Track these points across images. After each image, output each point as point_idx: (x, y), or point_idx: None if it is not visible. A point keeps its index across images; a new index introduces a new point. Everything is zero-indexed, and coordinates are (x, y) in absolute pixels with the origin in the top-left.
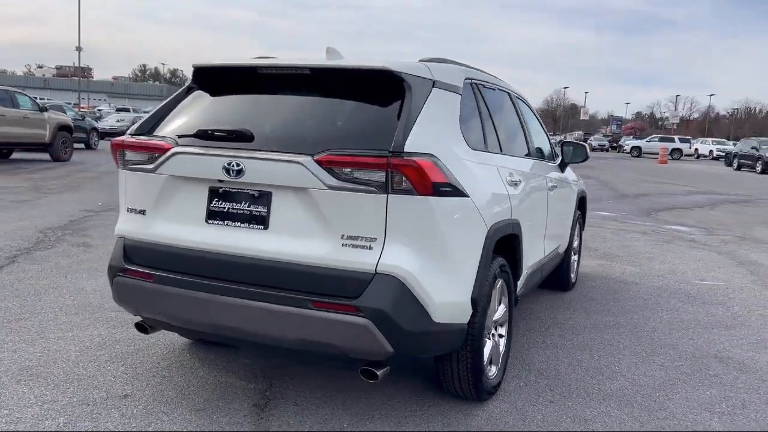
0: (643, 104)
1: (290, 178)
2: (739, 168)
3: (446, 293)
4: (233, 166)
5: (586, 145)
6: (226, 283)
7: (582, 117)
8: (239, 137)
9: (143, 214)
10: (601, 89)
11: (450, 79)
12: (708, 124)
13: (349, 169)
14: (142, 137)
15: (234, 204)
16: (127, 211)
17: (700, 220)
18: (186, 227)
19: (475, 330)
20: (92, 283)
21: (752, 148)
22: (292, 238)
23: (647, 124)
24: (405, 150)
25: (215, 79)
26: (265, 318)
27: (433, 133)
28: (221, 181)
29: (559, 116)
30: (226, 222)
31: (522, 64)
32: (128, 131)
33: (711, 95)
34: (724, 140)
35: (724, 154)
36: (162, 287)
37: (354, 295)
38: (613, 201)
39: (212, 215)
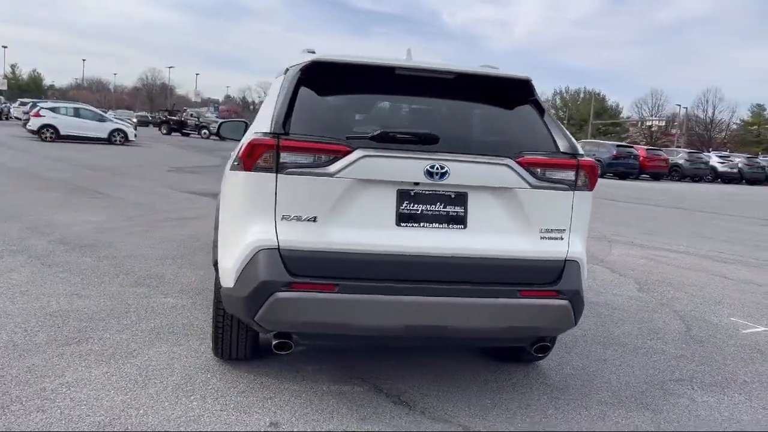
0: (235, 89)
1: (495, 179)
2: None
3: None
4: (437, 168)
5: None
6: (423, 284)
7: (194, 99)
8: (426, 140)
9: (314, 221)
10: (210, 73)
11: None
12: None
13: (544, 170)
14: (303, 138)
15: (428, 206)
16: (283, 219)
17: None
18: (372, 232)
19: None
20: None
21: None
22: (492, 234)
23: (240, 107)
24: (579, 152)
25: (337, 76)
26: (473, 312)
27: None
28: (416, 183)
29: (155, 95)
30: (421, 224)
31: (109, 38)
32: (264, 130)
33: None
34: None
35: None
36: (349, 296)
37: (552, 281)
38: None
39: (404, 218)
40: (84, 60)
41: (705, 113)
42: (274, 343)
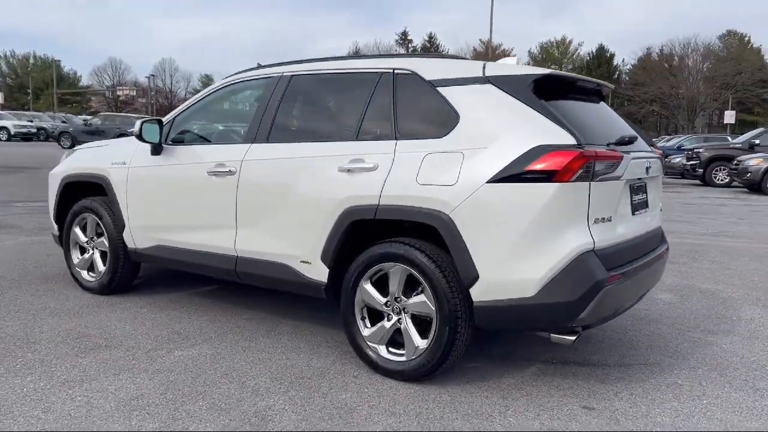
0: None
1: (658, 169)
2: None
3: None
4: (650, 164)
5: None
6: (641, 260)
7: None
8: (632, 141)
9: (609, 220)
10: None
11: None
12: None
13: (660, 159)
14: (604, 148)
15: (639, 196)
16: (594, 222)
17: None
18: (626, 223)
19: None
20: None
21: None
22: (654, 212)
23: None
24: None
25: (555, 88)
26: (657, 275)
27: None
28: (640, 178)
29: None
30: (641, 211)
31: None
32: (562, 142)
33: None
34: None
35: None
36: (627, 281)
37: (662, 242)
38: None
39: (635, 207)
40: None
41: (164, 83)
42: (574, 338)
